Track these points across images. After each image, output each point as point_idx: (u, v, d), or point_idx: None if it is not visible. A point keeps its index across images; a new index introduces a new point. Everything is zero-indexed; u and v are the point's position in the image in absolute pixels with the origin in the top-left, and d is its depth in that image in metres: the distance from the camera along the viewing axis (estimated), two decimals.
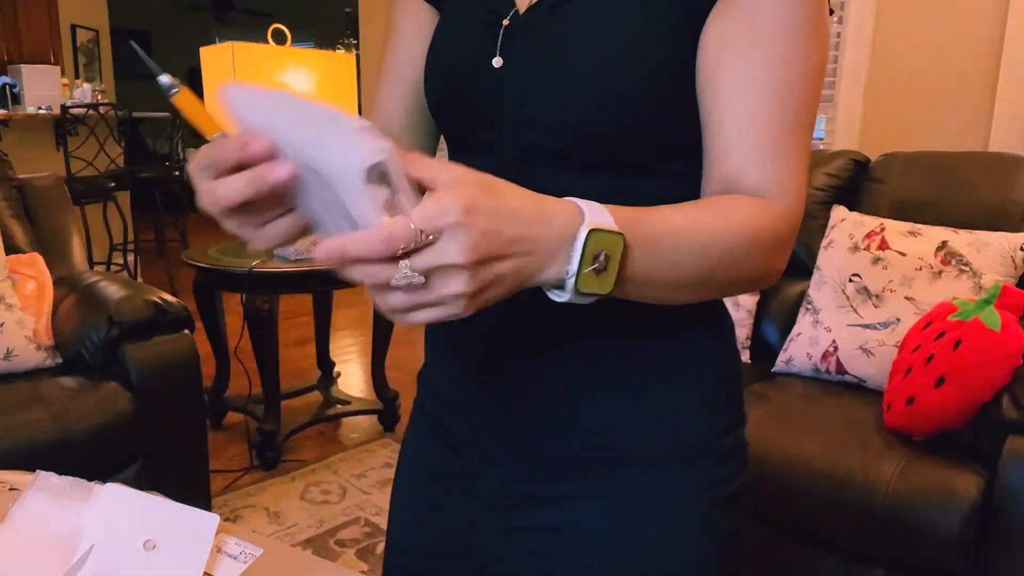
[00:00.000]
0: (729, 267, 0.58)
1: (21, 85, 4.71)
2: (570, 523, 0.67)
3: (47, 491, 0.71)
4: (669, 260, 0.54)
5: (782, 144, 0.59)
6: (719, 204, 0.58)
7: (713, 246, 0.56)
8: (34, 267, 2.08)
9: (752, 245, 0.58)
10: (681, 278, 0.56)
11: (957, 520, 1.42)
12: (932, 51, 2.65)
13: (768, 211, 0.59)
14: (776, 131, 0.59)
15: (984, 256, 1.82)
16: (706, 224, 0.56)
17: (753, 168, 0.59)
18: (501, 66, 0.64)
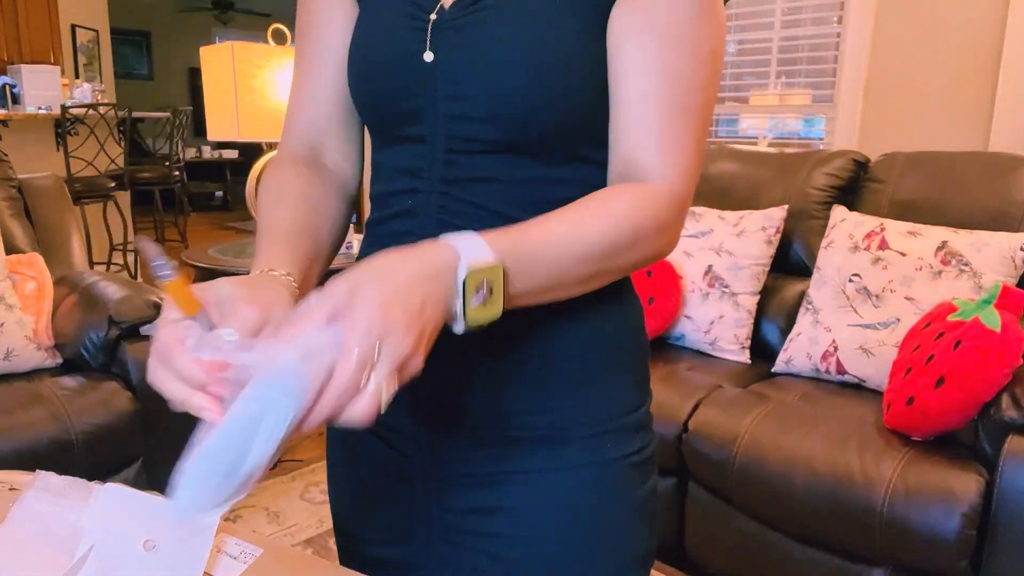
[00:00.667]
0: (615, 259, 0.62)
1: (21, 85, 4.71)
2: (507, 501, 0.70)
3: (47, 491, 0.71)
4: (553, 271, 0.59)
5: (672, 126, 0.63)
6: (599, 202, 0.62)
7: (594, 245, 0.61)
8: (34, 267, 2.08)
9: (635, 236, 0.62)
10: (568, 281, 0.61)
11: (957, 520, 1.42)
12: (932, 51, 2.65)
13: (650, 198, 0.63)
14: (667, 113, 0.63)
15: (984, 256, 1.82)
16: (586, 226, 0.61)
17: (645, 149, 0.64)
18: (432, 60, 0.66)
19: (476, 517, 0.72)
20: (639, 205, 0.62)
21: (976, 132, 2.57)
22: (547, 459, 0.70)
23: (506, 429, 0.70)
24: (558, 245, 0.59)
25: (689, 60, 0.63)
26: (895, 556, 1.50)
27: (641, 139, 0.64)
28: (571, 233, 0.60)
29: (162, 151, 6.40)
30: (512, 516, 0.70)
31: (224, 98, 2.52)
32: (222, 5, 9.96)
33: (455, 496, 0.72)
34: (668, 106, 0.63)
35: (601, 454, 0.70)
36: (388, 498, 0.77)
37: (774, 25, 3.10)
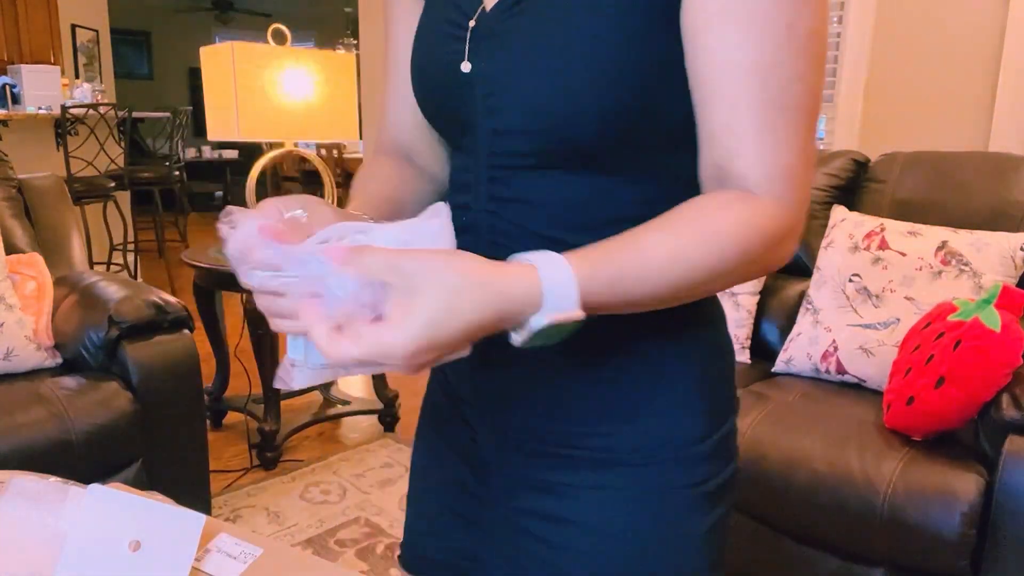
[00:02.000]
0: (714, 284, 0.57)
1: (21, 85, 4.70)
2: (570, 513, 0.68)
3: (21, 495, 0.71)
4: (644, 297, 0.55)
5: (767, 128, 0.55)
6: (706, 220, 0.55)
7: (695, 272, 0.55)
8: (34, 267, 2.08)
9: (740, 260, 0.55)
10: (657, 303, 0.56)
11: (957, 520, 1.42)
12: (932, 51, 2.65)
13: (757, 215, 0.55)
14: (760, 115, 0.55)
15: (984, 256, 1.82)
16: (689, 255, 0.54)
17: (740, 158, 0.56)
18: (470, 71, 0.62)
19: (539, 522, 0.70)
20: (747, 223, 0.54)
21: (976, 132, 2.57)
22: (605, 480, 0.67)
23: (572, 448, 0.68)
24: (655, 274, 0.54)
25: (780, 47, 0.54)
26: (895, 556, 1.50)
27: (734, 147, 0.56)
28: (671, 260, 0.54)
29: (162, 151, 6.40)
30: (573, 528, 0.68)
31: (224, 98, 2.52)
32: (222, 5, 9.96)
33: (523, 497, 0.71)
34: (762, 107, 0.55)
35: (663, 480, 0.67)
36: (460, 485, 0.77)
37: None
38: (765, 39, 0.54)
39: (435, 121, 0.69)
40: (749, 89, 0.54)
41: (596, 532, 0.68)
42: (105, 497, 0.68)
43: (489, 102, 0.62)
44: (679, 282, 0.54)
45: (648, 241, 0.54)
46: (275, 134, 2.58)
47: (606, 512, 0.67)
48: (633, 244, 0.54)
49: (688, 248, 0.54)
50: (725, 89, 0.55)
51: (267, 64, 2.51)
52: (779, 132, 0.55)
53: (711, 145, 0.57)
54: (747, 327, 2.18)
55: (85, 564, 0.65)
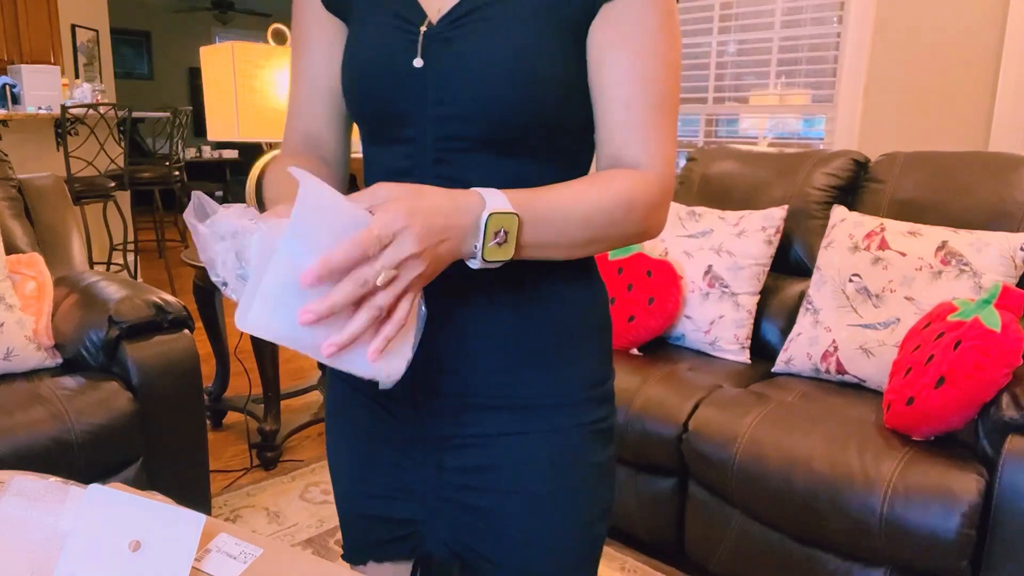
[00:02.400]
0: (610, 228, 0.73)
1: (21, 85, 4.70)
2: (495, 460, 0.80)
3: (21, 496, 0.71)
4: (558, 228, 0.70)
5: (652, 125, 0.75)
6: (600, 178, 0.73)
7: (595, 212, 0.71)
8: (34, 267, 2.08)
9: (628, 208, 0.73)
10: (571, 240, 0.71)
11: (957, 520, 1.42)
12: (932, 51, 2.65)
13: (641, 180, 0.74)
14: (646, 114, 0.75)
15: (984, 256, 1.82)
16: (588, 196, 0.71)
17: (631, 146, 0.75)
18: (422, 66, 0.75)
19: (468, 475, 0.81)
20: (633, 184, 0.73)
21: (976, 132, 2.57)
22: (529, 423, 0.80)
23: (492, 397, 0.79)
24: (564, 208, 0.70)
25: (659, 68, 0.75)
26: (895, 556, 1.50)
27: (627, 138, 0.75)
28: (576, 199, 0.71)
29: (162, 151, 6.40)
30: (500, 473, 0.80)
31: (224, 98, 2.52)
32: (222, 5, 9.95)
33: (451, 457, 0.82)
34: (647, 109, 0.75)
35: (575, 419, 0.81)
36: (389, 461, 0.85)
37: (774, 25, 3.10)
38: (650, 61, 0.74)
39: (368, 115, 0.80)
40: (638, 96, 0.75)
41: (522, 470, 0.80)
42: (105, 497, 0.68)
43: (439, 93, 0.74)
44: (582, 217, 0.71)
45: (560, 185, 0.72)
46: (275, 134, 2.59)
47: (529, 450, 0.80)
48: (550, 186, 0.71)
49: (589, 189, 0.72)
50: (620, 96, 0.75)
51: (267, 64, 2.51)
52: (659, 128, 0.76)
53: (610, 138, 0.76)
54: (747, 327, 2.18)
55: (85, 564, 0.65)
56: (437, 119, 0.74)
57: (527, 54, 0.72)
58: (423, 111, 0.75)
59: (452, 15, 0.74)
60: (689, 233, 2.31)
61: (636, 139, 0.75)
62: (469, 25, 0.73)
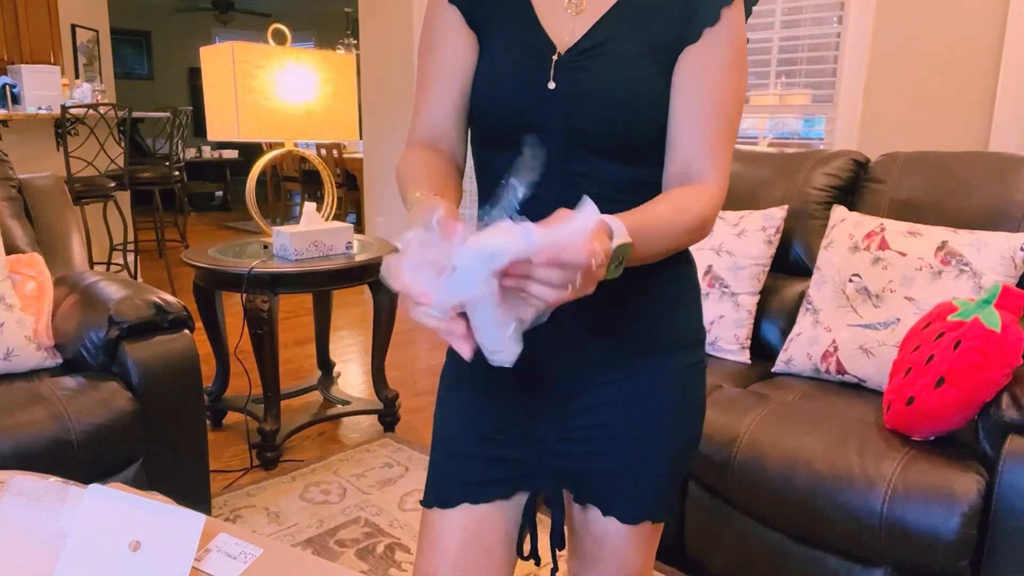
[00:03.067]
0: (688, 239, 0.89)
1: (21, 85, 4.70)
2: (609, 398, 0.97)
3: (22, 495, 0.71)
4: (654, 247, 0.85)
5: (718, 145, 0.92)
6: (685, 200, 0.88)
7: (681, 232, 0.87)
8: (34, 267, 2.08)
9: (700, 225, 0.89)
10: (660, 253, 0.87)
11: (957, 520, 1.42)
12: (932, 51, 2.65)
13: (709, 199, 0.89)
14: (715, 136, 0.91)
15: (984, 256, 1.82)
16: (678, 219, 0.87)
17: (699, 160, 0.91)
18: (554, 88, 0.91)
19: (586, 416, 0.97)
20: (706, 205, 0.89)
21: (976, 132, 2.57)
22: (642, 366, 0.97)
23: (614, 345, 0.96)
24: (660, 230, 0.85)
25: (729, 97, 0.92)
26: (895, 556, 1.50)
27: (697, 152, 0.91)
28: (669, 222, 0.86)
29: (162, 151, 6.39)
30: (613, 408, 0.96)
31: (224, 98, 2.52)
32: (222, 5, 9.95)
33: (572, 402, 0.97)
34: (716, 130, 0.91)
35: (684, 359, 0.99)
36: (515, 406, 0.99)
37: (774, 25, 3.10)
38: (723, 90, 0.91)
39: (505, 124, 0.95)
40: (710, 119, 0.91)
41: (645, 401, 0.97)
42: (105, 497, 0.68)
43: (567, 110, 0.90)
44: (674, 233, 0.86)
45: (658, 207, 0.87)
46: (275, 134, 2.59)
47: (642, 390, 0.97)
48: (650, 208, 0.86)
49: (678, 211, 0.87)
50: (697, 115, 0.91)
51: (267, 64, 2.51)
52: (722, 148, 0.92)
53: (683, 149, 0.92)
54: (747, 327, 2.18)
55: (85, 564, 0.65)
56: (565, 131, 0.90)
57: (639, 82, 0.90)
58: (552, 124, 0.91)
59: (579, 47, 0.91)
60: None
61: (704, 155, 0.90)
62: (594, 58, 0.90)
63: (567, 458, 0.98)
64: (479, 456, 0.99)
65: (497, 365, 0.71)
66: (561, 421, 0.98)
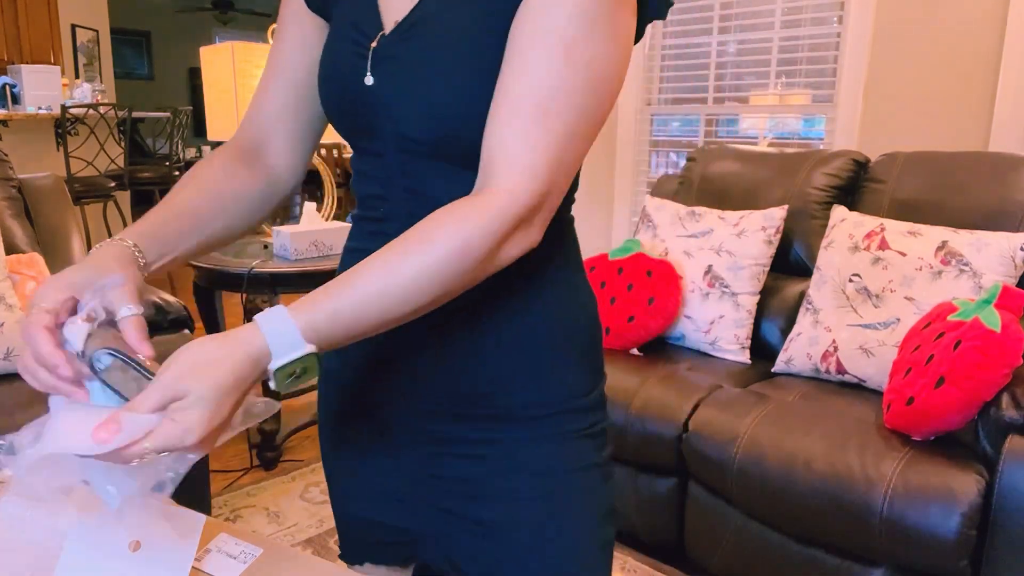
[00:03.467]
0: (449, 281, 0.63)
1: (21, 85, 4.70)
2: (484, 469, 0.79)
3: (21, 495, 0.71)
4: (379, 317, 0.63)
5: (526, 124, 0.64)
6: (419, 233, 0.63)
7: (413, 282, 0.62)
8: (34, 267, 2.08)
9: (462, 254, 0.63)
10: (402, 314, 0.64)
11: (957, 520, 1.42)
12: (932, 51, 2.65)
13: (474, 211, 0.63)
14: (522, 110, 0.64)
15: (984, 256, 1.82)
16: (399, 268, 0.62)
17: (500, 147, 0.65)
18: (373, 84, 0.72)
19: (461, 485, 0.80)
20: (461, 226, 0.63)
21: (976, 132, 2.57)
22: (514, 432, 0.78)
23: (480, 407, 0.78)
24: (377, 296, 0.62)
25: (577, 76, 0.64)
26: (895, 556, 1.50)
27: (498, 135, 0.65)
28: (385, 281, 0.62)
29: (162, 151, 6.39)
30: (492, 483, 0.78)
31: (224, 98, 2.52)
32: (222, 5, 9.95)
33: (443, 466, 0.80)
34: (525, 103, 0.64)
35: (559, 428, 0.78)
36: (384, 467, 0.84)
37: (774, 25, 3.10)
38: (566, 63, 0.64)
39: (341, 126, 0.78)
40: (519, 87, 0.65)
41: (512, 478, 0.78)
42: None
43: (391, 112, 0.72)
44: (402, 295, 0.62)
45: (368, 265, 0.63)
46: None
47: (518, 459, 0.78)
48: (348, 280, 0.62)
49: (398, 260, 0.63)
50: (505, 85, 0.66)
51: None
52: (532, 129, 0.64)
53: (488, 135, 0.66)
54: (747, 327, 2.18)
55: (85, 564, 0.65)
56: (395, 135, 0.72)
57: (469, 68, 0.68)
58: (382, 126, 0.73)
59: (401, 27, 0.72)
60: (689, 233, 2.31)
61: (504, 139, 0.65)
62: (415, 40, 0.70)
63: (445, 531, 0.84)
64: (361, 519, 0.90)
65: None
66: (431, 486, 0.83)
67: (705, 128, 3.40)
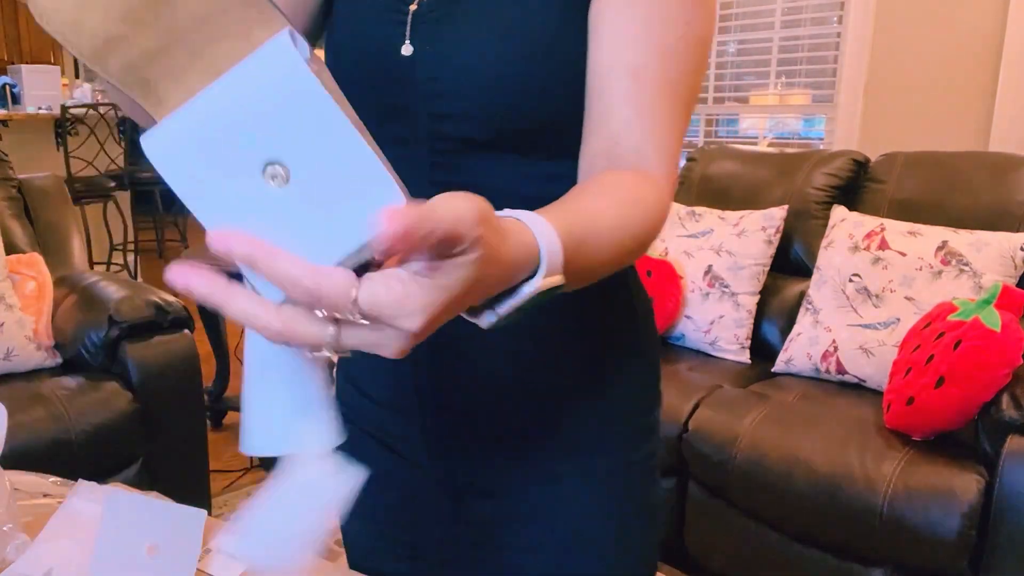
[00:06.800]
0: (640, 248, 0.55)
1: (21, 85, 4.70)
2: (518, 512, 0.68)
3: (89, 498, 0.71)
4: (597, 264, 0.50)
5: (663, 107, 0.57)
6: (633, 191, 0.54)
7: (630, 237, 0.53)
8: (34, 267, 2.08)
9: (651, 231, 0.55)
10: (605, 271, 0.53)
11: (957, 520, 1.42)
12: (932, 51, 2.65)
13: (656, 190, 0.55)
14: (660, 92, 0.57)
15: (984, 256, 1.82)
16: (629, 218, 0.52)
17: (634, 129, 0.57)
18: (411, 54, 0.61)
19: (490, 528, 0.69)
20: (655, 201, 0.55)
21: (976, 132, 2.57)
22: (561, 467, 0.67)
23: (516, 438, 0.67)
24: (606, 236, 0.50)
25: (679, 40, 0.57)
26: (895, 556, 1.50)
27: (631, 118, 0.57)
28: (619, 224, 0.51)
29: None
30: (529, 527, 0.68)
31: None
32: None
33: (471, 506, 0.70)
34: (661, 84, 0.57)
35: (616, 460, 0.69)
36: (400, 512, 0.74)
37: (774, 25, 3.10)
38: (668, 25, 0.56)
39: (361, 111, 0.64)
40: (650, 64, 0.56)
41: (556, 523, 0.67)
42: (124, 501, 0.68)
43: (431, 86, 0.60)
44: (621, 246, 0.52)
45: (598, 206, 0.51)
46: None
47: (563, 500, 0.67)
48: (588, 209, 0.50)
49: (627, 214, 0.53)
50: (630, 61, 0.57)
51: None
52: (671, 113, 0.57)
53: (608, 115, 0.57)
54: (747, 327, 2.18)
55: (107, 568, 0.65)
56: (431, 116, 0.61)
57: (534, 30, 0.58)
58: (415, 106, 0.61)
59: None
60: (689, 233, 2.31)
61: (642, 122, 0.56)
62: (463, 1, 0.59)
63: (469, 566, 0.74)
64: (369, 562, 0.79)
65: None
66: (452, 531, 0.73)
67: (705, 128, 3.40)
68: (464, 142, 0.61)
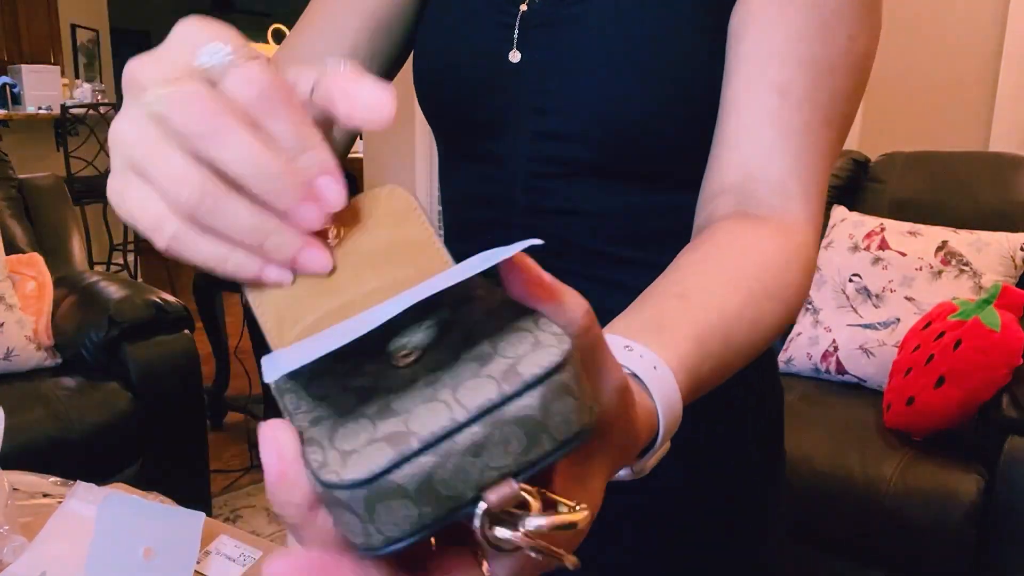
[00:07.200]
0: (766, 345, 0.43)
1: (21, 85, 4.70)
2: None
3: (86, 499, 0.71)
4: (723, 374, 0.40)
5: (814, 132, 0.46)
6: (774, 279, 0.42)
7: (762, 342, 0.42)
8: (34, 267, 2.08)
9: (793, 314, 0.44)
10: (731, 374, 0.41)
11: (957, 520, 1.42)
12: (932, 51, 2.65)
13: (803, 262, 0.44)
14: (809, 113, 0.46)
15: (984, 256, 1.82)
16: (765, 319, 0.41)
17: (777, 156, 0.46)
18: (519, 61, 0.54)
19: None
20: (799, 266, 0.44)
21: (976, 132, 2.57)
22: None
23: None
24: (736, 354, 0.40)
25: (840, 56, 0.47)
26: (895, 556, 1.50)
27: (777, 140, 0.46)
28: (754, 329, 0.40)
29: None
30: None
31: None
32: (222, 5, 9.95)
33: None
34: (814, 105, 0.46)
35: None
36: None
37: None
38: (827, 39, 0.47)
39: (447, 124, 0.59)
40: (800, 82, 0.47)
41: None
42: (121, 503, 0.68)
43: (539, 99, 0.53)
44: (753, 348, 0.41)
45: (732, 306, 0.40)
46: None
47: None
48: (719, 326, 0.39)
49: (768, 311, 0.41)
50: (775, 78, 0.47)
51: None
52: (821, 146, 0.47)
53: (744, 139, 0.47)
54: None
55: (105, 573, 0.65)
56: (534, 134, 0.54)
57: (665, 41, 0.50)
58: (517, 121, 0.54)
59: None
60: None
61: (788, 145, 0.46)
62: (585, 2, 0.52)
63: None
64: None
65: None
66: None
67: None
68: (567, 164, 0.54)
